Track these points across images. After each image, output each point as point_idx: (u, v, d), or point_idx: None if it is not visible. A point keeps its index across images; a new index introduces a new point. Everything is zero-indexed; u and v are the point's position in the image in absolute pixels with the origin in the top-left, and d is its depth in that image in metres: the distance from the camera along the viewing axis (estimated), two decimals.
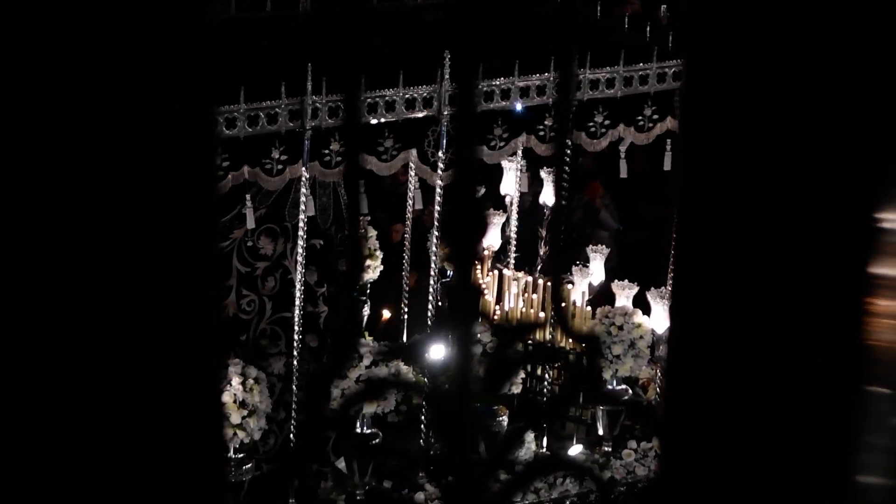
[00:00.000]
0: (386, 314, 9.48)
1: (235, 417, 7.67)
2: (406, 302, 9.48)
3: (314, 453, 6.46)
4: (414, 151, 7.82)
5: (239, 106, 7.21)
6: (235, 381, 7.70)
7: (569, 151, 8.44)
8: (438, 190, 8.13)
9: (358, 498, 8.21)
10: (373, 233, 9.31)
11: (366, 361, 7.96)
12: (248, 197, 7.55)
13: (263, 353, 8.19)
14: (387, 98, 7.63)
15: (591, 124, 8.26)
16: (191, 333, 1.85)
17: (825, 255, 2.05)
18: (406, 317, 9.50)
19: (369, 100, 7.57)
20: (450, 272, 9.66)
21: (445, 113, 7.74)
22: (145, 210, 1.74)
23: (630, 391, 8.92)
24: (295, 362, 8.04)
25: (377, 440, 8.16)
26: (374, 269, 9.39)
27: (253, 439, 7.80)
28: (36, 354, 1.72)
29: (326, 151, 7.53)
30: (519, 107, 7.88)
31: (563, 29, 8.21)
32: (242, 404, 7.71)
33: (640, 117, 8.48)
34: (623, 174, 9.00)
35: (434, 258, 9.50)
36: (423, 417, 8.34)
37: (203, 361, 1.91)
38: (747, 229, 2.05)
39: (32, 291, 1.70)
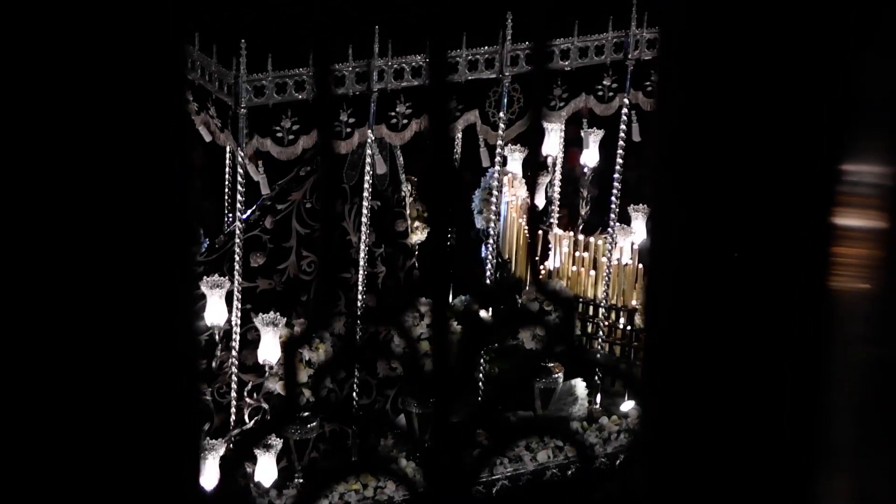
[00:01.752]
0: None
1: (303, 376, 7.77)
2: (452, 262, 9.60)
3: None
4: (476, 112, 7.90)
5: (308, 69, 7.28)
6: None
7: (625, 111, 8.54)
8: (498, 150, 8.22)
9: (417, 455, 8.34)
10: (413, 193, 9.41)
11: (427, 319, 8.06)
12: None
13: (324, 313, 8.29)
14: (450, 59, 7.70)
15: (647, 83, 8.34)
16: (188, 332, 1.89)
17: (816, 248, 2.05)
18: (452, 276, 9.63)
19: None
20: (491, 231, 9.76)
21: (507, 74, 7.82)
22: (151, 210, 1.74)
23: None
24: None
25: None
26: (422, 231, 9.50)
27: (319, 397, 7.91)
28: (48, 353, 1.72)
29: (393, 113, 7.61)
30: None
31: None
32: (308, 363, 7.81)
33: None
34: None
35: (477, 218, 9.62)
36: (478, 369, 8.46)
37: (194, 360, 1.94)
38: (738, 213, 2.03)
39: (44, 291, 1.70)
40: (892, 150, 2.07)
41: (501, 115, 7.96)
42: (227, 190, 8.87)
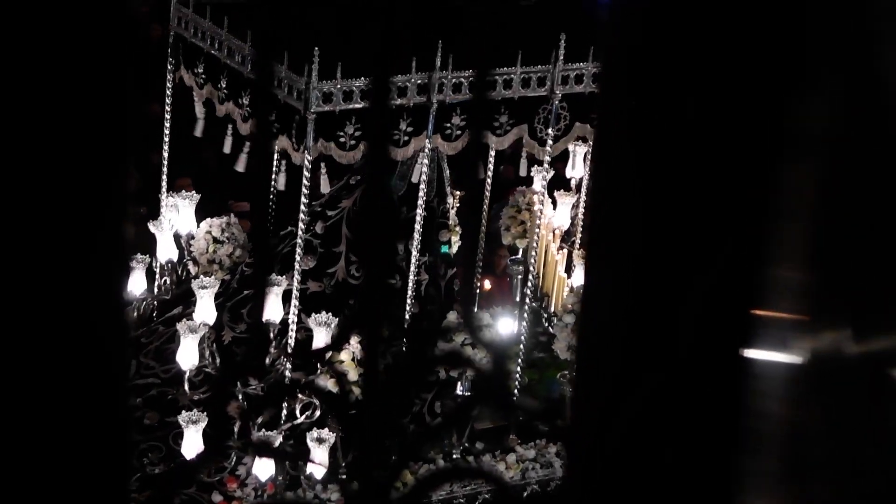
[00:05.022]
0: (487, 285, 9.92)
1: (353, 375, 8.06)
2: (480, 278, 9.93)
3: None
4: (525, 127, 8.29)
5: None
6: (354, 339, 8.06)
7: None
8: (546, 162, 8.60)
9: (454, 456, 8.63)
10: (455, 205, 9.75)
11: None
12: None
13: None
14: (504, 76, 8.10)
15: None
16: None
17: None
18: (479, 291, 9.96)
19: (488, 77, 8.03)
20: (521, 248, 10.09)
21: (558, 92, 8.22)
22: (109, 201, 1.70)
23: None
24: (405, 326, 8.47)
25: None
26: (453, 244, 9.83)
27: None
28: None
29: (448, 125, 7.98)
30: None
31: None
32: (360, 363, 8.09)
33: None
34: None
35: (503, 235, 9.97)
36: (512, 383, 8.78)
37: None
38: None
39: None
40: (822, 175, 2.16)
41: (550, 131, 8.35)
42: (272, 194, 9.18)
